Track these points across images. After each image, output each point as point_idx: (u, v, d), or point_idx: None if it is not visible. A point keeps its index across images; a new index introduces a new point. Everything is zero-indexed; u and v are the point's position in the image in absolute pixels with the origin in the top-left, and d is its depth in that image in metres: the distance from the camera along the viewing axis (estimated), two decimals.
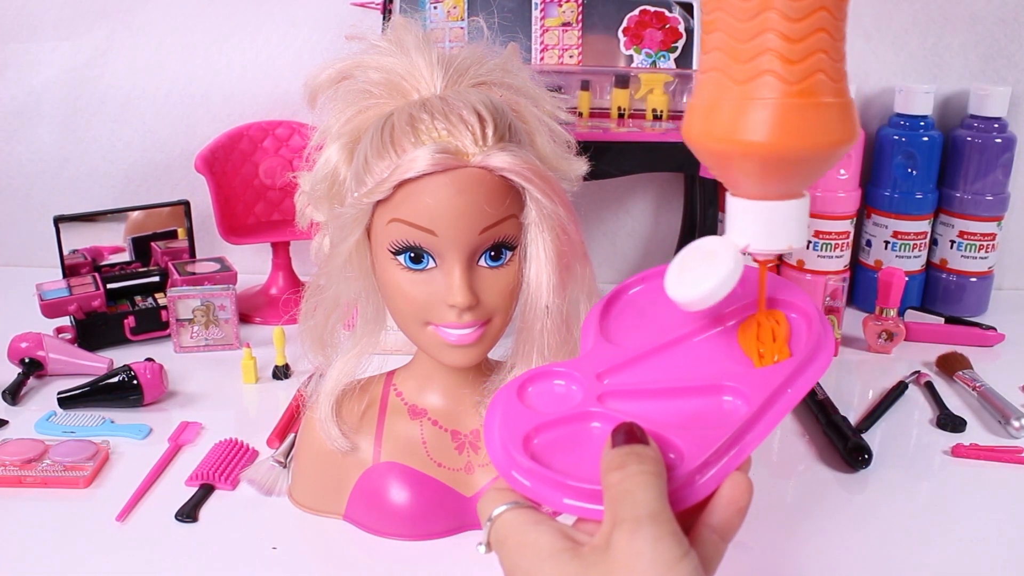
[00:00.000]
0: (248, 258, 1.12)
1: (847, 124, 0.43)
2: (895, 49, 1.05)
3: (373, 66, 0.58)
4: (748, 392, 0.43)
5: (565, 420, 0.43)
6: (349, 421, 0.64)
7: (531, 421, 0.43)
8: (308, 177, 0.61)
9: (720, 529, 0.40)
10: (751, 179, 0.44)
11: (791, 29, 0.41)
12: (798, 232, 0.45)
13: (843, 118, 0.42)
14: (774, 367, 0.45)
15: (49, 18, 1.08)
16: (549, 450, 0.42)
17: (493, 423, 0.44)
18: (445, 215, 0.54)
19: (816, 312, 0.47)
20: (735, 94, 0.42)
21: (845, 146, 0.43)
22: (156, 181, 1.13)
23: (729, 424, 0.42)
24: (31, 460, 0.70)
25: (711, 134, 0.43)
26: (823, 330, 0.46)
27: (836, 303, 0.93)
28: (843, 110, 0.43)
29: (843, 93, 0.43)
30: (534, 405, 0.45)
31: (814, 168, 0.43)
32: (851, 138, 0.43)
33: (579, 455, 0.42)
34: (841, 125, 0.42)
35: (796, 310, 0.48)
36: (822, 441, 0.78)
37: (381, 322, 0.63)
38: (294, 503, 0.67)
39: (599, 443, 0.41)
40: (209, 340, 0.94)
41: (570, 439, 0.43)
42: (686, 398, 0.45)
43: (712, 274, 0.44)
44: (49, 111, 1.11)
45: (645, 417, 0.42)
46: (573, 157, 0.63)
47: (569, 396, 0.46)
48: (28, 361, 0.86)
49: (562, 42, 1.00)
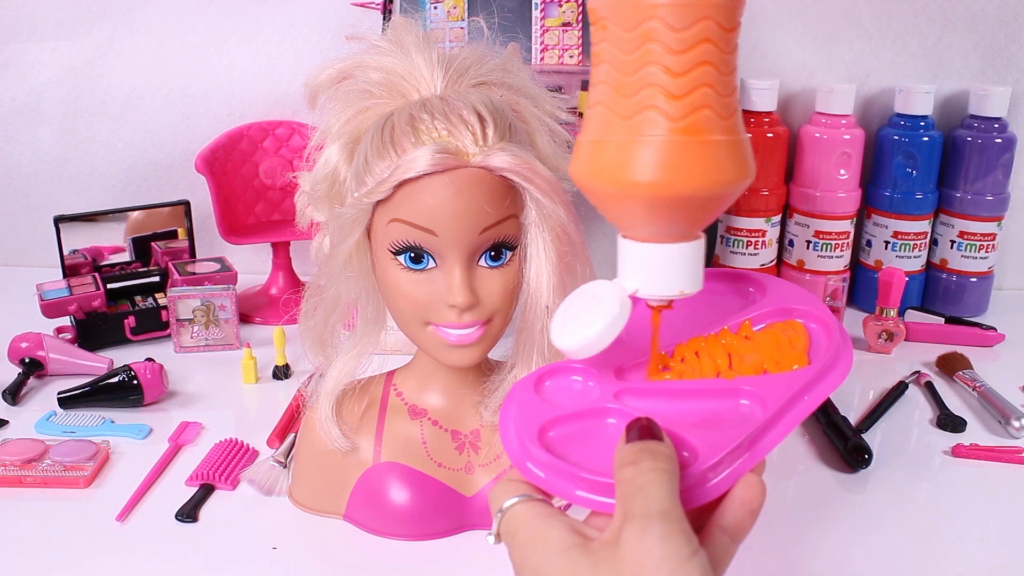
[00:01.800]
0: (248, 258, 1.12)
1: (738, 162, 0.40)
2: (895, 49, 1.05)
3: (373, 66, 0.58)
4: (765, 397, 0.43)
5: (581, 415, 0.44)
6: (349, 421, 0.64)
7: (547, 414, 0.43)
8: (308, 177, 0.61)
9: (731, 530, 0.40)
10: (640, 220, 0.41)
11: (674, 62, 0.38)
12: (691, 277, 0.43)
13: (733, 156, 0.40)
14: (792, 374, 0.45)
15: (49, 18, 1.08)
16: (564, 443, 0.42)
17: (509, 414, 0.44)
18: (445, 215, 0.54)
19: (834, 322, 0.47)
20: (620, 130, 0.40)
21: (737, 185, 0.40)
22: (156, 181, 1.13)
23: (744, 427, 0.42)
24: (31, 460, 0.70)
25: (596, 173, 0.41)
26: (842, 340, 0.46)
27: (836, 303, 0.93)
28: (733, 148, 0.40)
29: (733, 130, 0.40)
30: (551, 399, 0.45)
31: (706, 208, 0.41)
32: (743, 176, 0.41)
33: (593, 449, 0.42)
34: (732, 163, 0.40)
35: (815, 320, 0.48)
36: (822, 441, 0.78)
37: (381, 322, 0.63)
38: (294, 503, 0.67)
39: (614, 438, 0.40)
40: (209, 340, 0.94)
41: (585, 433, 0.43)
42: (703, 399, 0.45)
43: (595, 321, 0.42)
44: (49, 111, 1.11)
45: (661, 416, 0.41)
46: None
47: (586, 392, 0.46)
48: (28, 361, 0.86)
49: (562, 42, 1.00)
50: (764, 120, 1.00)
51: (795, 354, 0.46)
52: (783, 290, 0.51)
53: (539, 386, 0.46)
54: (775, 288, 0.51)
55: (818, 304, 0.49)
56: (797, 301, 0.49)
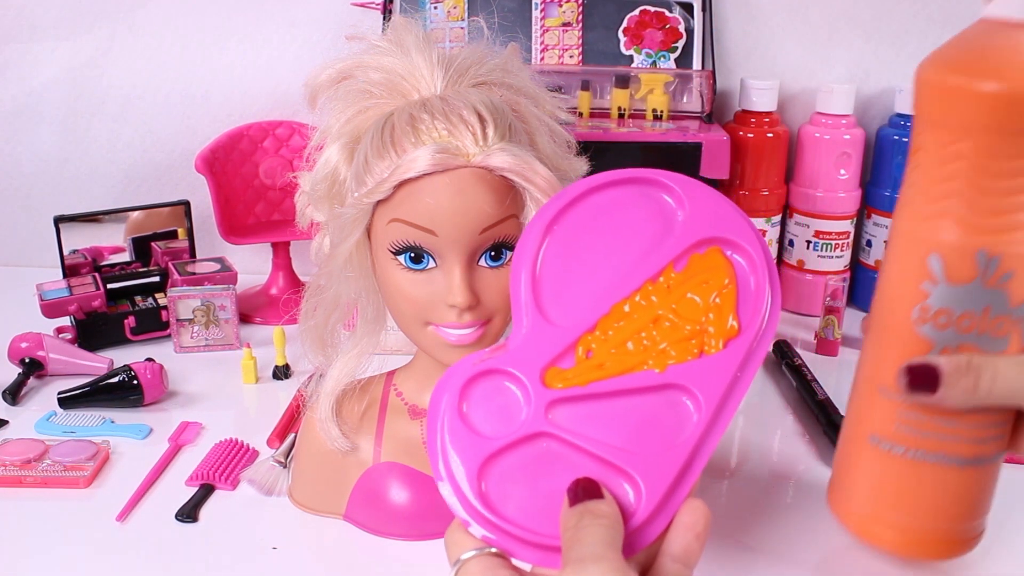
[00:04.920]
0: (248, 258, 1.12)
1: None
2: (895, 49, 1.05)
3: (373, 66, 0.58)
4: (699, 391, 0.42)
5: (515, 444, 0.42)
6: (349, 421, 0.64)
7: (480, 451, 0.42)
8: (308, 177, 0.61)
9: (682, 557, 0.40)
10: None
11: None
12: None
13: None
14: (724, 354, 0.43)
15: (49, 18, 1.08)
16: (504, 486, 0.41)
17: (438, 458, 0.42)
18: (445, 215, 0.54)
19: (763, 254, 0.44)
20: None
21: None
22: (156, 181, 1.13)
23: (682, 435, 0.42)
24: (31, 460, 0.70)
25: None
26: (771, 285, 0.44)
27: (836, 303, 0.93)
28: None
29: None
30: (478, 424, 0.43)
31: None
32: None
33: (535, 488, 0.41)
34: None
35: (740, 251, 0.45)
36: (822, 441, 0.78)
37: (381, 322, 0.63)
38: (294, 503, 0.67)
39: (552, 467, 0.41)
40: (209, 340, 0.94)
41: (523, 467, 0.42)
42: (636, 398, 0.43)
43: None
44: (49, 111, 1.11)
45: (595, 435, 0.42)
46: (573, 157, 0.63)
47: (514, 406, 0.43)
48: (28, 361, 0.86)
49: (562, 42, 1.00)
50: (764, 120, 1.00)
51: (724, 316, 0.44)
52: (702, 202, 0.46)
53: (463, 399, 0.43)
54: (692, 199, 0.46)
55: (742, 226, 0.45)
56: (719, 224, 0.45)
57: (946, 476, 0.55)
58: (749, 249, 0.45)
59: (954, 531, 0.57)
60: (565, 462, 0.42)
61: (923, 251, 0.52)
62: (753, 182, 1.02)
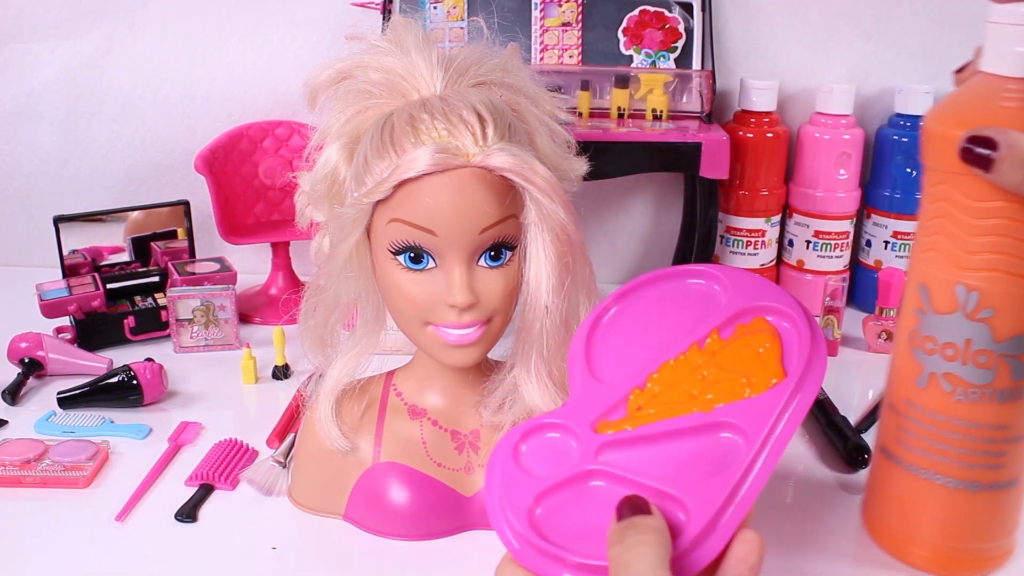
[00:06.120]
0: (248, 258, 1.12)
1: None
2: (895, 49, 1.05)
3: (373, 66, 0.58)
4: (746, 426, 0.43)
5: (565, 483, 0.44)
6: (349, 421, 0.64)
7: (532, 490, 0.43)
8: (308, 177, 0.61)
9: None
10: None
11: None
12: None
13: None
14: (770, 394, 0.44)
15: (49, 18, 1.08)
16: (553, 518, 0.42)
17: (494, 496, 0.44)
18: (445, 215, 0.54)
19: (805, 317, 0.46)
20: None
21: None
22: (156, 181, 1.13)
23: (731, 466, 0.42)
24: (31, 460, 0.70)
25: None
26: (814, 338, 0.45)
27: (836, 303, 0.93)
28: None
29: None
30: (531, 467, 0.45)
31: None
32: None
33: (583, 520, 0.42)
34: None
35: (783, 316, 0.47)
36: (822, 441, 0.78)
37: (381, 322, 0.63)
38: (294, 503, 0.67)
39: (601, 503, 0.42)
40: (209, 340, 0.94)
41: (572, 503, 0.43)
42: (684, 439, 0.44)
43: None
44: (49, 111, 1.11)
45: (644, 470, 0.42)
46: (573, 157, 0.63)
47: (566, 452, 0.45)
48: (28, 361, 0.86)
49: (562, 42, 1.00)
50: (764, 120, 1.00)
51: (769, 368, 0.45)
52: (745, 284, 0.49)
53: (517, 454, 0.45)
54: (736, 283, 0.49)
55: (784, 296, 0.48)
56: (762, 297, 0.48)
57: (940, 495, 0.57)
58: (792, 313, 0.47)
59: (960, 551, 0.59)
60: (613, 495, 0.42)
61: (917, 279, 0.57)
62: (753, 182, 1.02)
